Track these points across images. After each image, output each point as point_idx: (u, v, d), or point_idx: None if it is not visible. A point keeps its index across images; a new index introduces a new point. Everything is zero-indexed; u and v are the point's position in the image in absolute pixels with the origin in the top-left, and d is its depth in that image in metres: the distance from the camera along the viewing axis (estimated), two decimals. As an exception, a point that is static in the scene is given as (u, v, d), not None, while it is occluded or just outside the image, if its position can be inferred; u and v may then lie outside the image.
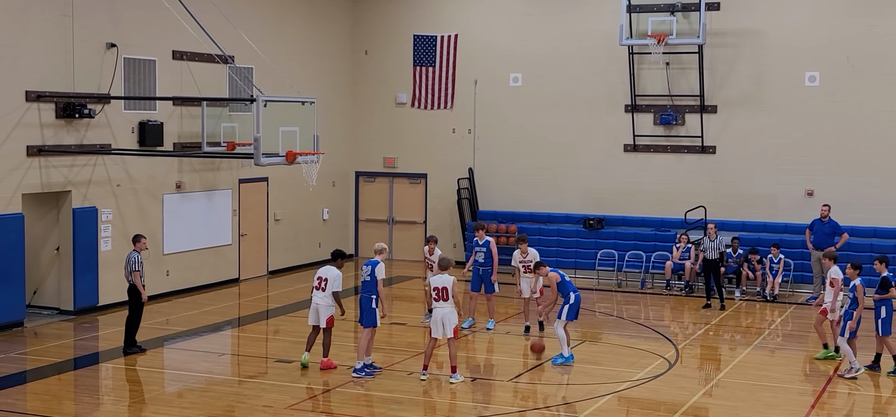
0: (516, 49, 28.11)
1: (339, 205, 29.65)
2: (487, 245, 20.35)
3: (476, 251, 20.45)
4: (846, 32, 25.19)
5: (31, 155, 20.15)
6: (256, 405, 15.17)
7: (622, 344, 19.44)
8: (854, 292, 16.98)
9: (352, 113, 29.78)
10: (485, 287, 20.38)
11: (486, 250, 20.32)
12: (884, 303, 17.14)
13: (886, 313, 17.12)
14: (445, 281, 16.20)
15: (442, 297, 16.18)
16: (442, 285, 16.19)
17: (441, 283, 16.21)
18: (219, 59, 22.85)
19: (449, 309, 16.18)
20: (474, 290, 20.58)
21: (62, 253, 21.33)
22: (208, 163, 24.46)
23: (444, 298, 16.18)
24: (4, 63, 19.63)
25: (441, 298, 16.19)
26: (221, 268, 25.15)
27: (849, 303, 17.13)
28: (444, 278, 16.26)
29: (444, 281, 16.21)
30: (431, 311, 17.08)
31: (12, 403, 15.21)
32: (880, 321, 17.16)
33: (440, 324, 16.19)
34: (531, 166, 28.09)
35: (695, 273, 24.55)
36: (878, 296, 17.20)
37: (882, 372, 17.17)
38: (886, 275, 17.33)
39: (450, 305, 16.19)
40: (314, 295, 17.00)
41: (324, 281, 16.87)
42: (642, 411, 15.38)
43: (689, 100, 26.54)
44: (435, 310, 16.33)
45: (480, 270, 20.38)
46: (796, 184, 25.72)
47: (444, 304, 16.19)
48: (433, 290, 16.29)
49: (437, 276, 16.44)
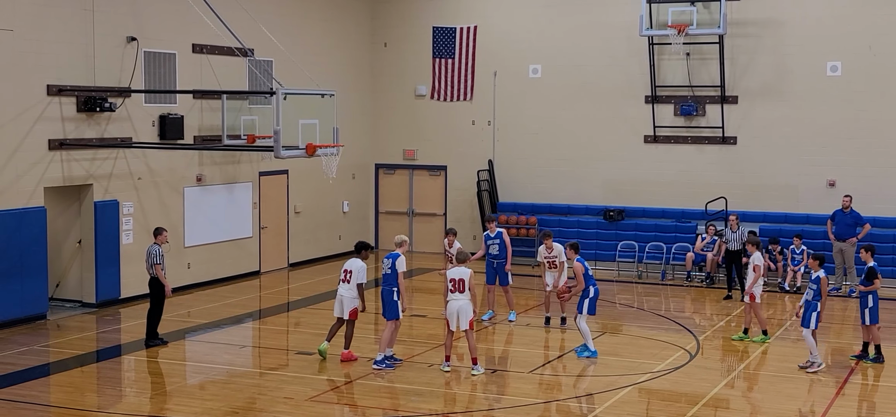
0: (536, 40, 28.05)
1: (359, 198, 29.68)
2: (500, 236, 20.25)
3: (489, 244, 20.35)
4: (868, 21, 25.02)
5: (52, 148, 20.26)
6: (278, 396, 15.21)
7: (643, 335, 19.39)
8: (818, 284, 16.83)
9: (371, 105, 29.79)
10: (499, 279, 20.33)
11: (499, 242, 20.22)
12: (870, 293, 17.16)
13: (873, 302, 17.14)
14: (462, 273, 16.21)
15: (458, 289, 16.19)
16: (459, 277, 16.20)
17: (458, 275, 16.22)
18: (239, 53, 22.89)
19: (465, 301, 16.17)
20: (490, 283, 20.55)
21: (84, 247, 21.44)
22: (228, 155, 24.52)
23: (461, 290, 16.17)
24: (26, 57, 19.73)
25: (457, 290, 16.21)
26: (242, 261, 25.23)
27: (812, 295, 16.91)
28: (461, 270, 16.26)
29: (460, 273, 16.22)
30: None
31: (36, 395, 15.32)
32: (867, 310, 17.18)
33: (455, 316, 16.20)
34: (551, 158, 28.05)
35: (716, 264, 24.47)
36: (864, 288, 17.25)
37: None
38: (872, 265, 17.33)
39: (465, 297, 16.18)
40: (340, 287, 17.05)
41: (349, 273, 16.92)
42: (663, 402, 15.34)
43: (709, 90, 26.43)
44: (451, 303, 16.31)
45: (495, 263, 20.31)
46: (818, 175, 25.58)
47: (460, 296, 16.19)
48: (450, 282, 16.30)
49: (454, 269, 16.46)
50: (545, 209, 27.82)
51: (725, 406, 15.17)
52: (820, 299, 16.81)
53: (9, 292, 19.43)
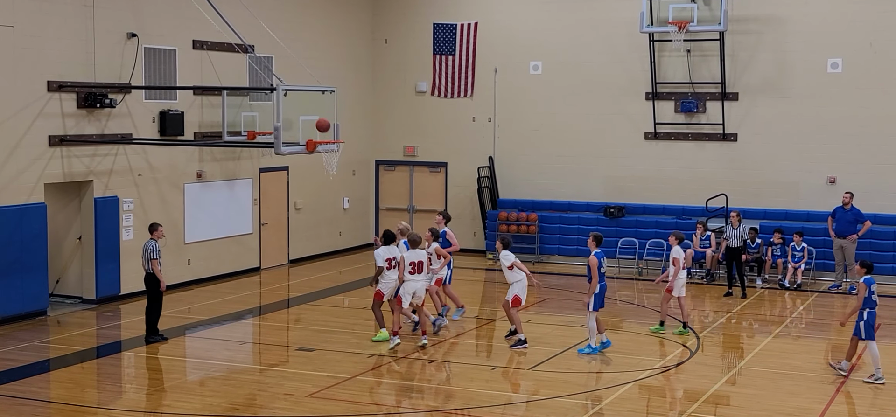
0: (536, 37, 28.04)
1: (360, 194, 29.68)
2: (443, 235, 19.46)
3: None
4: (869, 18, 25.00)
5: (52, 144, 20.26)
6: (278, 393, 15.21)
7: (643, 332, 19.39)
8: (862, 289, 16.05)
9: (372, 101, 29.78)
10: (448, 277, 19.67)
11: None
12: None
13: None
14: (421, 256, 17.63)
15: (417, 270, 17.52)
16: (418, 260, 17.56)
17: (416, 257, 17.56)
18: (239, 49, 22.88)
19: (423, 280, 17.67)
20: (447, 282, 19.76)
21: (84, 243, 21.44)
22: (229, 152, 24.51)
23: (419, 271, 17.55)
24: (27, 53, 19.72)
25: (416, 271, 17.51)
26: (242, 257, 25.23)
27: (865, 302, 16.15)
28: (419, 253, 17.63)
29: (419, 256, 17.60)
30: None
31: (36, 391, 15.32)
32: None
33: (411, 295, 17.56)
34: (551, 154, 28.04)
35: (716, 261, 24.46)
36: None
37: None
38: None
39: (424, 276, 17.67)
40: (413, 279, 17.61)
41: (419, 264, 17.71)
42: (663, 399, 15.34)
43: (710, 87, 26.42)
44: (409, 283, 17.46)
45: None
46: (818, 172, 25.57)
47: (419, 277, 17.57)
48: (409, 265, 17.45)
49: (411, 252, 17.63)
50: (545, 205, 27.82)
51: (726, 402, 15.16)
52: (867, 306, 15.98)
53: (9, 288, 19.43)
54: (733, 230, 22.90)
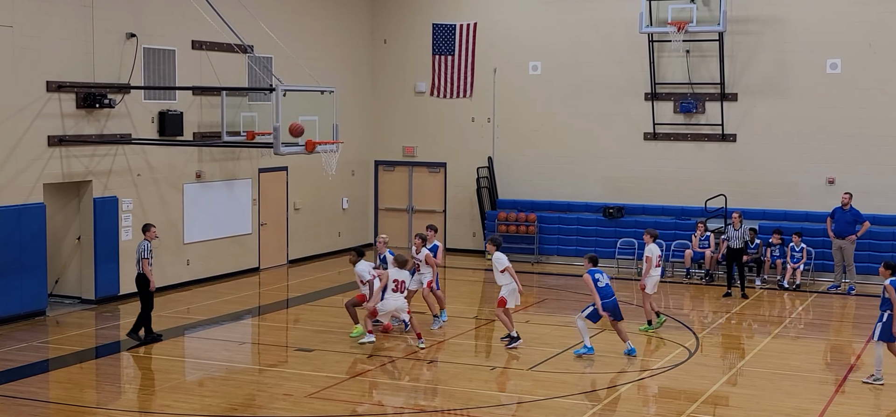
0: (535, 37, 28.04)
1: (359, 194, 29.67)
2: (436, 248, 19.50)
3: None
4: (868, 18, 25.01)
5: (52, 145, 20.25)
6: (277, 393, 15.21)
7: (643, 332, 19.37)
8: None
9: (371, 102, 29.78)
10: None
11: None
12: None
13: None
14: (404, 276, 17.64)
15: (399, 289, 17.56)
16: (401, 278, 17.54)
17: (400, 276, 17.54)
18: (238, 49, 22.88)
19: (402, 299, 17.65)
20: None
21: (83, 243, 21.43)
22: (228, 152, 24.51)
23: (401, 290, 17.58)
24: (26, 54, 19.71)
25: (398, 289, 17.55)
26: (242, 258, 25.23)
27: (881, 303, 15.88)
28: (403, 272, 17.63)
29: (402, 275, 17.57)
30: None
31: (35, 391, 15.31)
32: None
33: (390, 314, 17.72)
34: (551, 155, 28.04)
35: (716, 261, 24.46)
36: None
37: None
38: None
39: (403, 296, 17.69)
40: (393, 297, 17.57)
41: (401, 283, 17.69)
42: (662, 399, 15.34)
43: (709, 87, 26.43)
44: (389, 300, 17.44)
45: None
46: (817, 172, 25.58)
47: (400, 295, 17.57)
48: (393, 282, 17.47)
49: (396, 270, 17.55)
50: (545, 206, 27.82)
51: (725, 403, 15.16)
52: (889, 308, 15.61)
53: (8, 288, 19.42)
54: (734, 231, 22.90)
